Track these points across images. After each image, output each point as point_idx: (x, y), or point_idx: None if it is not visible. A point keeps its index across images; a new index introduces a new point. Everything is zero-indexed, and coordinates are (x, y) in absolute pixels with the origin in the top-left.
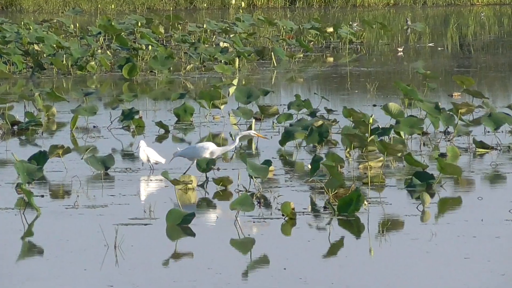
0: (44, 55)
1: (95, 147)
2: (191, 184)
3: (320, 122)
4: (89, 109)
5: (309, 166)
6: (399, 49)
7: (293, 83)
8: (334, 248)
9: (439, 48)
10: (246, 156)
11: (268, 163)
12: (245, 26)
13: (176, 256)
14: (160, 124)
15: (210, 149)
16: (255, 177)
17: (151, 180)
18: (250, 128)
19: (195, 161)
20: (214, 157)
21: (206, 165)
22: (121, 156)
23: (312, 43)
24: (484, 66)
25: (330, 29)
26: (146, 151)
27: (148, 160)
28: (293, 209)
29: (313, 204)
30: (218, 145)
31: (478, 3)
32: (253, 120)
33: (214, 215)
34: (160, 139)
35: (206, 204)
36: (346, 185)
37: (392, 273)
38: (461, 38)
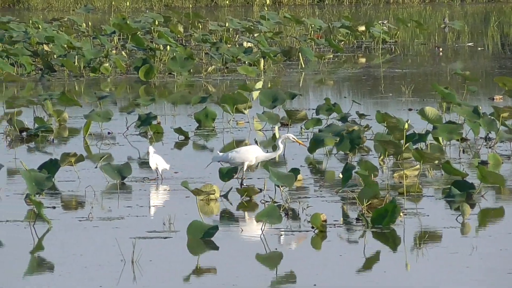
0: (54, 56)
1: (110, 155)
2: (213, 194)
3: (351, 128)
4: (103, 114)
5: (341, 175)
6: (439, 49)
7: (323, 85)
8: (368, 263)
9: (479, 48)
10: (269, 164)
11: (295, 171)
12: (271, 24)
13: (198, 271)
14: (179, 130)
15: (256, 153)
16: (281, 186)
17: (170, 190)
18: (274, 136)
19: (245, 165)
20: (255, 164)
21: (227, 173)
22: (138, 164)
23: (342, 43)
24: None
25: (362, 28)
26: (155, 158)
27: (157, 168)
28: (324, 221)
29: (345, 215)
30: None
31: None
32: (277, 126)
33: (239, 227)
34: (179, 146)
35: (229, 216)
36: (380, 195)
37: None
38: (502, 37)
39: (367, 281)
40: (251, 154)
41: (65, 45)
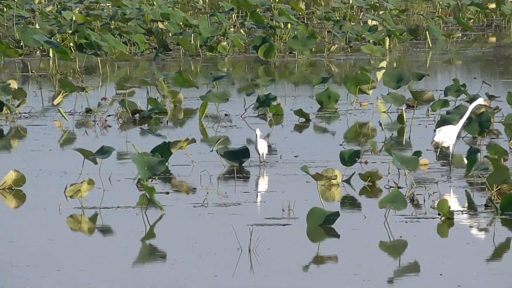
0: (170, 34)
1: (227, 138)
2: (335, 179)
3: (481, 110)
4: (220, 95)
5: (465, 160)
6: None
7: (451, 66)
8: (498, 252)
9: None
10: (391, 147)
11: (418, 154)
12: (396, 1)
13: (318, 260)
14: (300, 112)
15: (455, 131)
16: (405, 171)
17: (290, 175)
18: (400, 117)
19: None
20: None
21: (348, 158)
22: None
23: (471, 21)
24: None
25: (492, 5)
26: (262, 143)
27: (264, 153)
28: (450, 207)
29: (472, 202)
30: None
31: None
32: (404, 108)
33: (361, 214)
34: (299, 128)
35: (351, 202)
36: (511, 180)
37: None
38: None
39: (496, 271)
40: (453, 134)
41: (181, 23)
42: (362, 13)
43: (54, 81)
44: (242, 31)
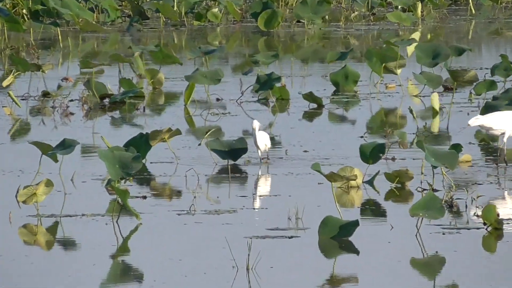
0: (147, 0)
1: (219, 128)
2: (354, 180)
3: None
4: (210, 74)
5: None
6: None
7: (498, 38)
8: None
9: None
10: (425, 139)
11: (457, 148)
12: None
13: (334, 282)
14: (310, 97)
15: None
16: (442, 169)
17: (298, 174)
18: (436, 101)
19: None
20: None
21: (370, 153)
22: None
23: None
24: None
25: None
26: (263, 136)
27: (266, 149)
28: (499, 215)
29: None
30: None
31: None
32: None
33: (387, 223)
34: (310, 116)
35: (375, 208)
36: None
37: None
38: None
39: None
40: (505, 120)
41: None
42: None
43: (3, 57)
44: None
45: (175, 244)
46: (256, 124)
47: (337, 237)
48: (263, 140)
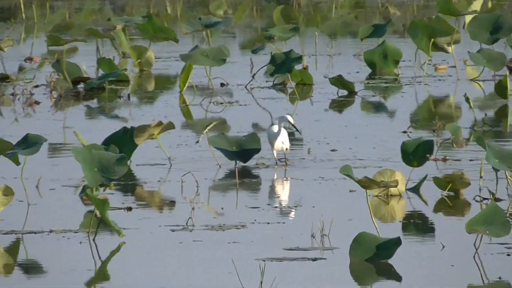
0: None
1: (224, 121)
2: (395, 186)
3: None
4: (213, 53)
5: None
6: None
7: None
8: None
9: None
10: (485, 135)
11: None
12: None
13: None
14: (339, 81)
15: None
16: (507, 173)
17: (323, 179)
18: (500, 87)
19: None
20: None
21: (415, 153)
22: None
23: None
24: None
25: None
26: (282, 134)
27: (284, 149)
28: None
29: None
30: None
31: None
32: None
33: (436, 241)
34: (338, 106)
35: (421, 222)
36: None
37: None
38: None
39: None
40: None
41: None
42: None
43: None
44: None
45: (167, 269)
46: (290, 119)
47: (373, 259)
48: (281, 140)
